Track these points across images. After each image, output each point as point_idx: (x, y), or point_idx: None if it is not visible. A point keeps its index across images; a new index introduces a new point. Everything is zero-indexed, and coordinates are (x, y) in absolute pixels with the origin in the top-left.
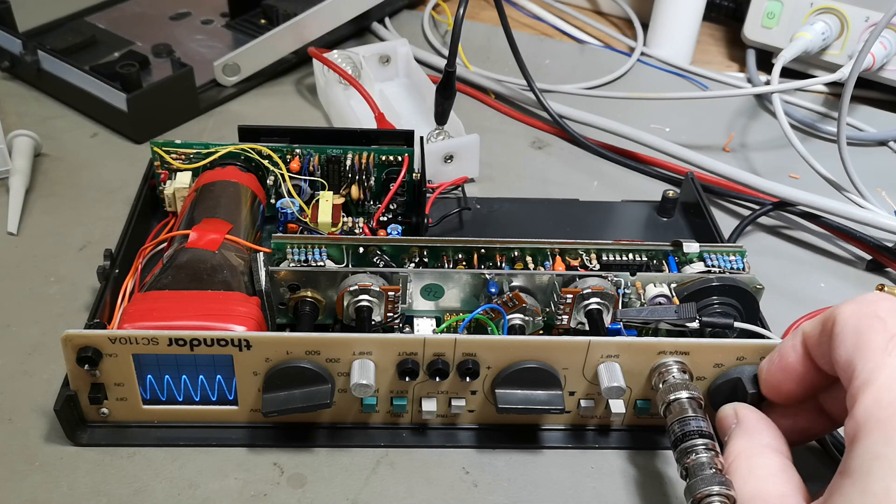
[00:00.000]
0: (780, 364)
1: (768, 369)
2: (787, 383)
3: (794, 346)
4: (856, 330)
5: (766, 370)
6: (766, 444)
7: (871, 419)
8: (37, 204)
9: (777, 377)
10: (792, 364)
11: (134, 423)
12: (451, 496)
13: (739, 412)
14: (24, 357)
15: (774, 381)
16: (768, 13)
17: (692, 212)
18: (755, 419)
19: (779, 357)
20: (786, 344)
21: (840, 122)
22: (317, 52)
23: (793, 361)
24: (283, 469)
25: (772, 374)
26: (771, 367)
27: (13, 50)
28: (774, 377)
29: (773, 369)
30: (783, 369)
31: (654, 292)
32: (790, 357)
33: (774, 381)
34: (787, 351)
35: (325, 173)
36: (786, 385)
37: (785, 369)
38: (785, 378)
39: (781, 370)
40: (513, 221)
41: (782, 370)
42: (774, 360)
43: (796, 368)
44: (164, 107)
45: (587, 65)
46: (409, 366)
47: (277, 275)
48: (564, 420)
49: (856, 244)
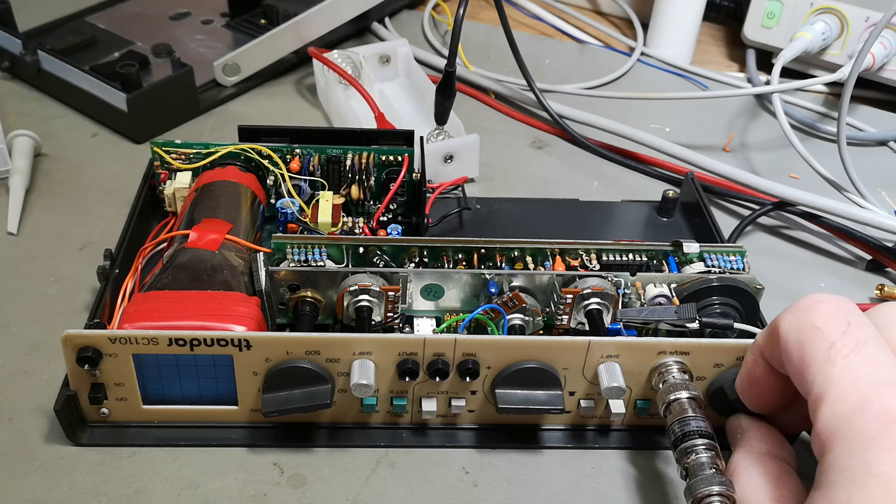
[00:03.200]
0: (749, 379)
1: (740, 386)
2: (763, 395)
3: (756, 360)
4: (797, 343)
5: (739, 387)
6: (765, 451)
7: (831, 434)
8: (37, 204)
9: (752, 392)
10: (760, 377)
11: (134, 423)
12: (451, 496)
13: (743, 422)
14: (24, 357)
15: (751, 396)
16: (768, 13)
17: (692, 212)
18: (756, 428)
19: (746, 373)
20: (747, 359)
21: (840, 122)
22: (317, 52)
23: (760, 375)
24: (283, 469)
25: (745, 391)
26: (741, 384)
27: (13, 50)
28: (749, 392)
29: (743, 385)
30: (753, 384)
31: (654, 292)
32: (756, 371)
33: (751, 396)
34: (751, 366)
35: (325, 173)
36: (763, 397)
37: (755, 383)
38: (759, 391)
39: (752, 385)
40: (513, 221)
41: (753, 385)
42: (743, 377)
43: (766, 380)
44: (164, 107)
45: (587, 65)
46: (409, 366)
47: (277, 275)
48: (564, 420)
49: (856, 244)
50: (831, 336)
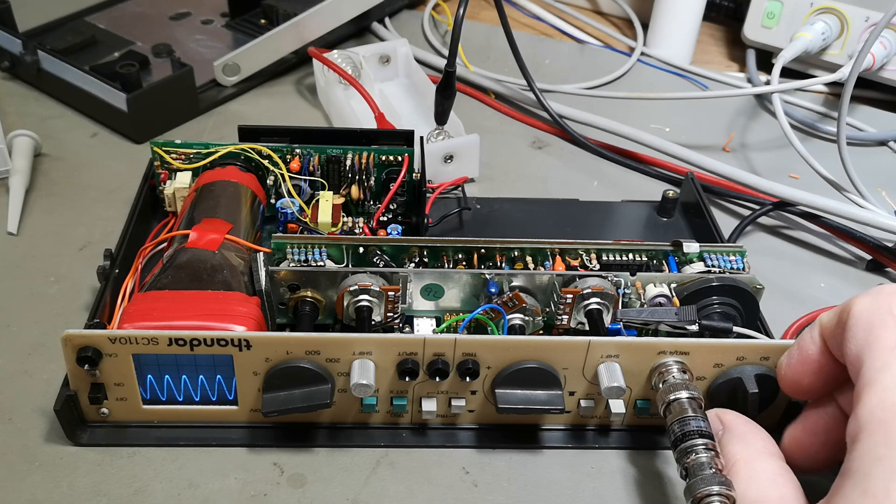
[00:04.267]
0: (800, 357)
1: (788, 363)
2: (807, 376)
3: (813, 337)
4: (868, 325)
5: (786, 364)
6: (762, 448)
7: (873, 420)
8: (37, 204)
9: (797, 370)
10: (812, 356)
11: (134, 423)
12: (451, 496)
13: (724, 418)
14: (24, 357)
15: (795, 374)
16: (768, 13)
17: (692, 212)
18: (743, 423)
19: (798, 350)
20: (804, 336)
21: (840, 122)
22: (317, 52)
23: (812, 353)
24: (283, 469)
25: (792, 368)
26: (790, 361)
27: (13, 50)
28: (794, 370)
29: (792, 363)
30: (803, 362)
31: (654, 292)
32: (810, 349)
33: (795, 374)
34: (807, 343)
35: (325, 173)
36: (806, 378)
37: (805, 361)
38: (805, 371)
39: (801, 363)
40: (513, 221)
41: (802, 363)
42: (794, 354)
43: (816, 360)
44: (164, 107)
45: (587, 65)
46: (409, 366)
47: (277, 275)
48: (564, 420)
49: (856, 244)
50: None
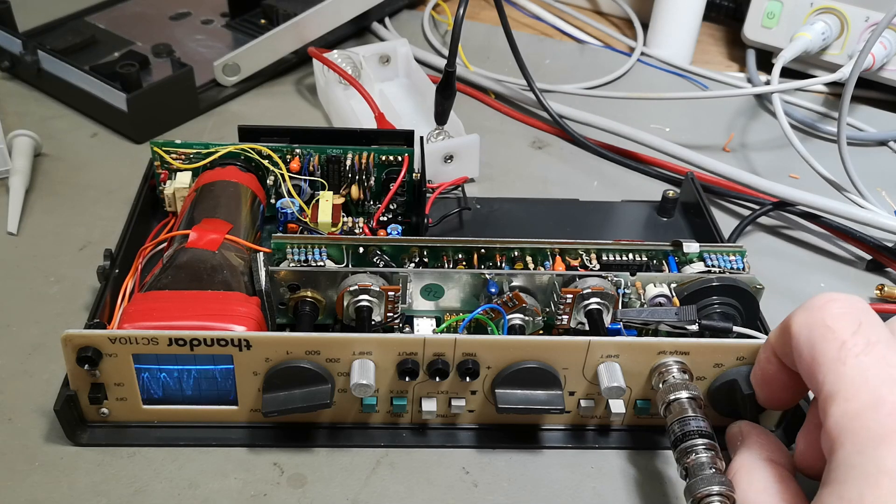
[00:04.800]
0: (763, 377)
1: (756, 383)
2: (776, 392)
3: (768, 357)
4: (808, 342)
5: (755, 384)
6: (766, 457)
7: (842, 431)
8: (37, 204)
9: (766, 389)
10: (773, 375)
11: (134, 423)
12: (451, 496)
13: (743, 429)
14: (24, 357)
15: (765, 392)
16: (768, 13)
17: (692, 212)
18: (756, 434)
19: (759, 370)
20: (760, 357)
21: (840, 122)
22: (317, 52)
23: (773, 372)
24: (283, 469)
25: (760, 387)
26: (755, 381)
27: (13, 50)
28: (764, 389)
29: (757, 382)
30: (767, 381)
31: (654, 292)
32: (769, 369)
33: (765, 392)
34: (764, 364)
35: (325, 173)
36: (777, 394)
37: (768, 381)
38: (773, 388)
39: (766, 382)
40: (513, 221)
41: (766, 382)
42: (758, 374)
43: (779, 378)
44: (164, 107)
45: (587, 65)
46: (409, 366)
47: (277, 275)
48: (564, 420)
49: (856, 244)
50: (842, 335)
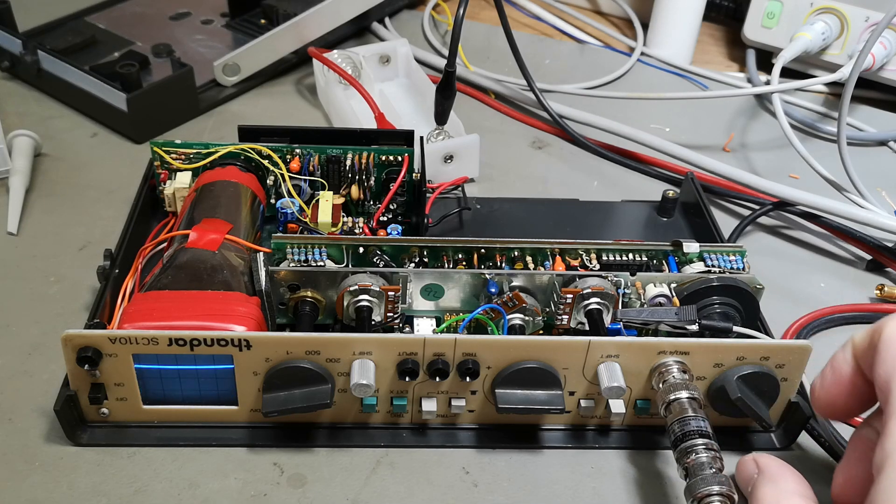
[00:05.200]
0: (834, 377)
1: (822, 385)
2: (841, 397)
3: (846, 358)
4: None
5: (820, 386)
6: (792, 490)
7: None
8: (37, 204)
9: (831, 392)
10: (845, 377)
11: (134, 423)
12: (451, 496)
13: (760, 461)
14: (24, 357)
15: (829, 396)
16: (768, 13)
17: (692, 212)
18: (777, 466)
19: (832, 370)
20: (837, 357)
21: (840, 122)
22: (317, 52)
23: (846, 374)
24: (283, 469)
25: (825, 390)
26: (824, 382)
27: (13, 50)
28: (828, 392)
29: (826, 384)
30: (838, 382)
31: (654, 292)
32: (844, 369)
33: (829, 396)
34: (840, 364)
35: (325, 173)
36: (841, 399)
37: (840, 382)
38: (839, 392)
39: (835, 384)
40: (513, 221)
41: (837, 384)
42: (828, 375)
43: (850, 380)
44: (164, 107)
45: (587, 65)
46: (409, 366)
47: (277, 275)
48: (564, 420)
49: (856, 244)
50: None
